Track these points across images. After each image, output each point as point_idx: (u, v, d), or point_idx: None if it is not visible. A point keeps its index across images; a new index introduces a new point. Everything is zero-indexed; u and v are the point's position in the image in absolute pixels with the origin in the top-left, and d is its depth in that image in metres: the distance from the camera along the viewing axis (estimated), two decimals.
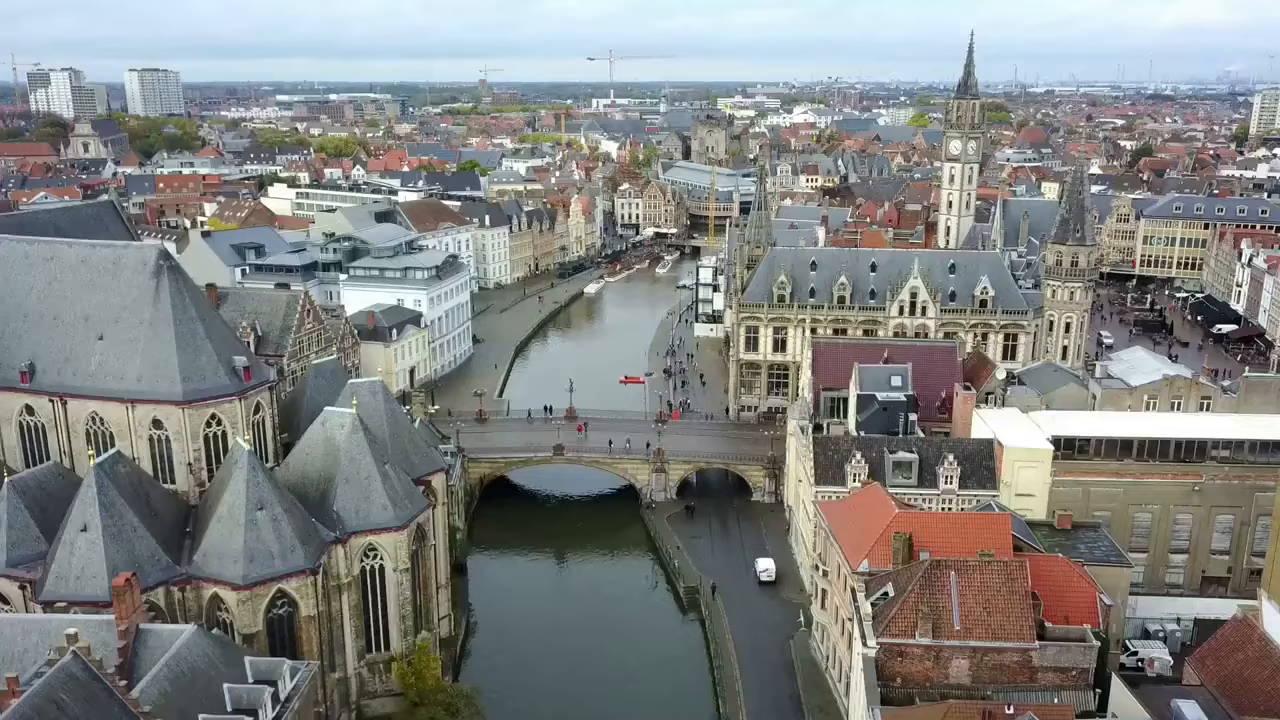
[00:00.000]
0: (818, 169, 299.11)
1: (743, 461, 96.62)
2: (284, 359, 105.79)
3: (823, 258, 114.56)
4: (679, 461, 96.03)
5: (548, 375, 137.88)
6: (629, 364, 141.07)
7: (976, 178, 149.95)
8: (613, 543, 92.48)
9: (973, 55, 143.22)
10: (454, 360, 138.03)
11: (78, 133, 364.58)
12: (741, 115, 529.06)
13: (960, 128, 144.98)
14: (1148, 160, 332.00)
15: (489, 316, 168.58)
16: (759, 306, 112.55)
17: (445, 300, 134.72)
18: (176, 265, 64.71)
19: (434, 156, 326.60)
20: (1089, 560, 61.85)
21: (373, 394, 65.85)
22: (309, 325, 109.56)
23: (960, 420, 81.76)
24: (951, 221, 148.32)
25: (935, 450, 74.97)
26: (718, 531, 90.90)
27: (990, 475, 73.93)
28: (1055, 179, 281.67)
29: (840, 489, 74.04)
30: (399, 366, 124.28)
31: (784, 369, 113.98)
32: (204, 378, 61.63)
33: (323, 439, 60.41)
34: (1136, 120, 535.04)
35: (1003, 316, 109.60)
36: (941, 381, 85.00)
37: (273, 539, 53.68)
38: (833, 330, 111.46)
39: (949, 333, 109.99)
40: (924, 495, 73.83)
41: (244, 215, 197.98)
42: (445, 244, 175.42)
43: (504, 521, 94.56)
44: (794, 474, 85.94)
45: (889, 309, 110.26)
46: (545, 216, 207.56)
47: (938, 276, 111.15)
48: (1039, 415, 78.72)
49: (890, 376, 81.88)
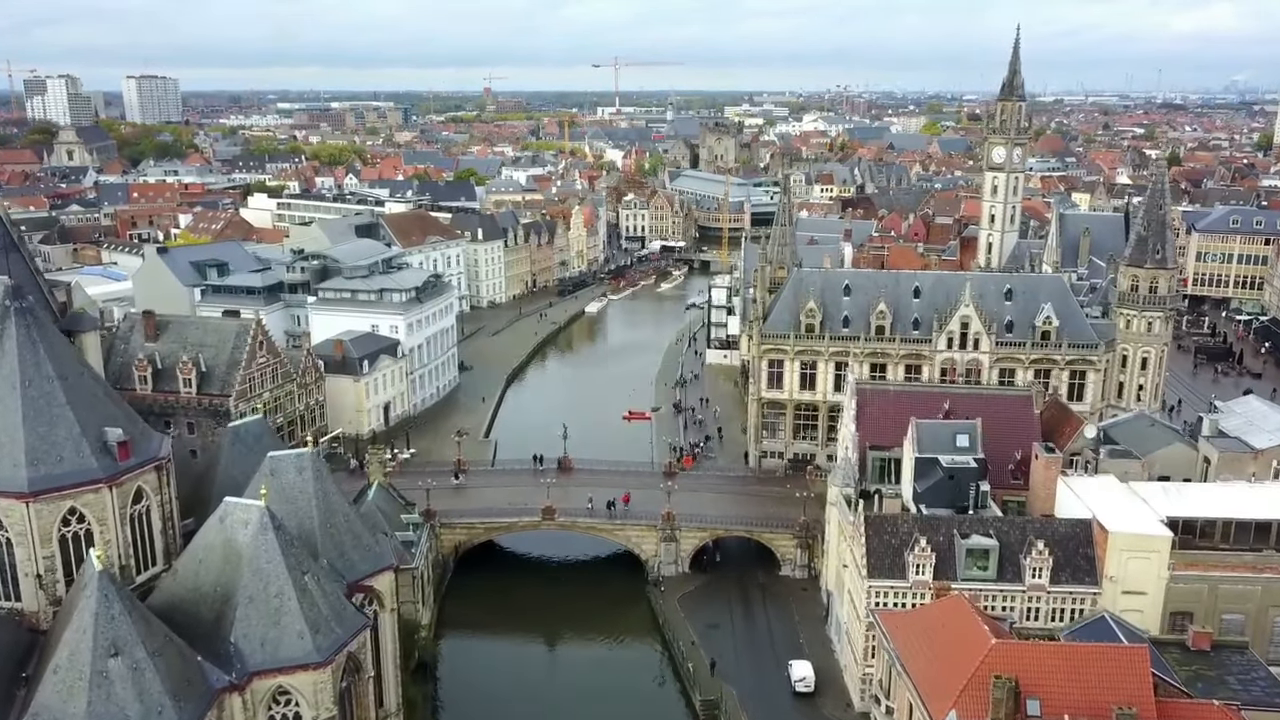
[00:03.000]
0: (833, 178, 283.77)
1: (769, 528, 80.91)
2: (230, 399, 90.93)
3: (857, 281, 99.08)
4: (692, 529, 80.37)
5: (542, 409, 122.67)
6: (634, 396, 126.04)
7: (1022, 188, 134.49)
8: (613, 628, 76.93)
9: (1018, 52, 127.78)
10: (437, 392, 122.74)
11: (62, 140, 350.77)
12: (750, 123, 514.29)
13: (1004, 133, 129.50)
14: (1178, 170, 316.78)
15: (479, 340, 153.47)
16: (783, 337, 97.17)
17: (427, 325, 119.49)
18: (31, 307, 49.24)
19: (431, 164, 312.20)
20: (1246, 702, 46.33)
21: (299, 471, 50.51)
22: (262, 359, 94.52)
23: (1041, 489, 66.28)
24: (994, 237, 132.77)
25: (1019, 534, 59.44)
26: (739, 615, 75.28)
27: (1089, 567, 58.39)
28: (1086, 189, 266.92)
29: (900, 583, 58.59)
30: (371, 403, 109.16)
31: (812, 409, 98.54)
32: (60, 459, 46.43)
33: (221, 541, 45.11)
34: (1156, 129, 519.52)
35: (1069, 351, 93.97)
36: (1015, 438, 69.52)
37: (131, 698, 38.24)
38: (869, 366, 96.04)
39: (1005, 369, 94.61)
40: (1005, 592, 58.34)
41: (219, 227, 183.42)
42: (432, 260, 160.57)
43: (483, 599, 79.08)
44: (834, 552, 70.40)
45: (935, 341, 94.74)
46: (544, 229, 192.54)
47: (992, 303, 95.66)
48: (1145, 487, 63.11)
49: (955, 435, 66.41)
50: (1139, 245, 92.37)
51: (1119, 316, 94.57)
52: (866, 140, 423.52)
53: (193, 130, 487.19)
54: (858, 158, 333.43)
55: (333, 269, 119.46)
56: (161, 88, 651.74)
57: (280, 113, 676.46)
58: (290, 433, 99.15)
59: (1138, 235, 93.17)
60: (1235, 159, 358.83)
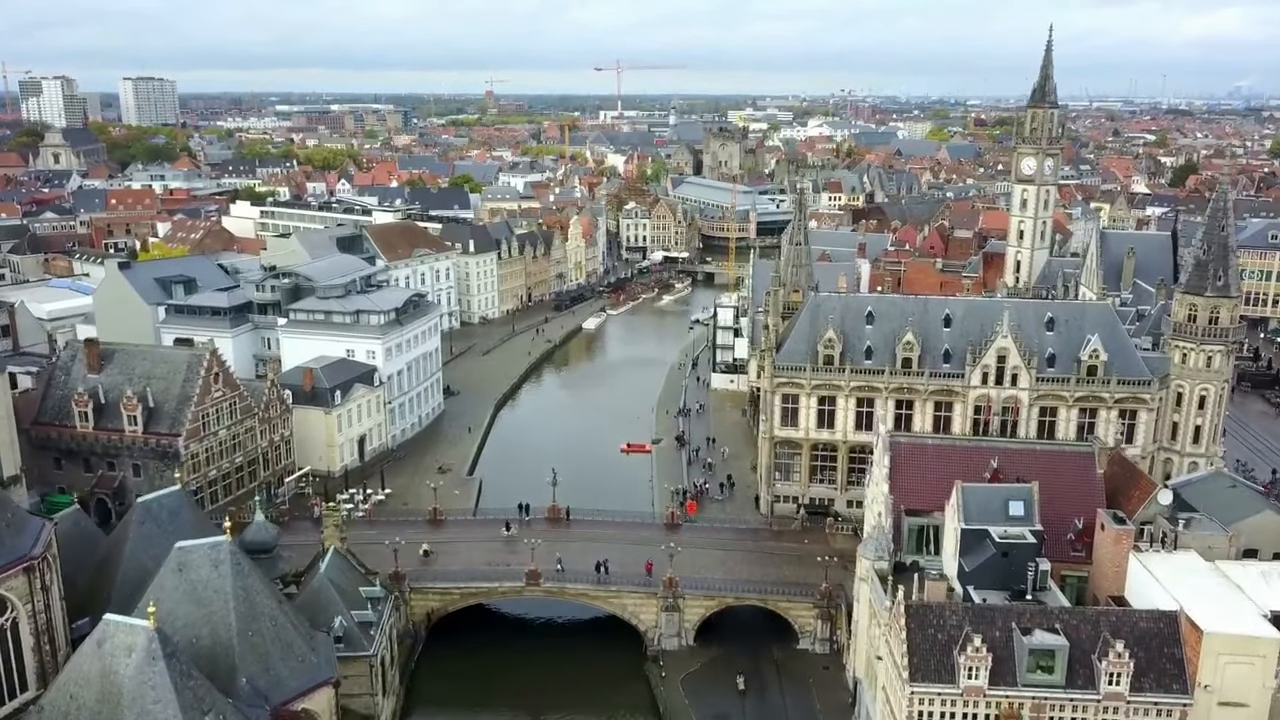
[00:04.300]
0: (841, 186, 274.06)
1: (785, 595, 70.82)
2: (180, 439, 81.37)
3: (881, 307, 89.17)
4: (698, 596, 70.30)
5: (533, 441, 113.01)
6: (633, 424, 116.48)
7: (1054, 202, 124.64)
8: (606, 710, 66.99)
9: (1050, 55, 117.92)
10: (419, 422, 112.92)
11: (48, 142, 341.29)
12: (754, 128, 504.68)
13: (1035, 142, 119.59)
14: (1195, 179, 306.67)
15: (469, 359, 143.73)
16: (799, 369, 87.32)
17: (408, 350, 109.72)
18: None
19: (426, 170, 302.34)
20: None
21: (214, 565, 40.74)
22: (218, 392, 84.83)
23: (1108, 566, 56.41)
24: (1023, 255, 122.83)
25: (1091, 629, 49.50)
26: (752, 700, 65.37)
27: (1178, 672, 48.46)
28: (1104, 199, 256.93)
29: (949, 689, 48.70)
30: (344, 437, 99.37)
31: (831, 449, 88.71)
32: None
33: (98, 671, 35.33)
34: (1167, 135, 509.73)
35: (1118, 388, 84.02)
36: (1075, 503, 59.69)
37: None
38: (895, 402, 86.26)
39: (1047, 408, 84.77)
40: (1076, 701, 48.45)
41: (198, 237, 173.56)
42: (420, 274, 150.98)
43: (457, 676, 69.11)
44: (864, 635, 60.49)
45: (968, 376, 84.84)
46: (540, 240, 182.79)
47: (1031, 333, 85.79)
48: (1237, 570, 53.22)
49: (1008, 502, 56.51)
50: (1198, 270, 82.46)
51: (1174, 349, 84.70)
52: (873, 146, 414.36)
53: (188, 133, 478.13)
54: (866, 164, 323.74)
55: (305, 288, 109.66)
56: (159, 89, 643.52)
57: (279, 115, 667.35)
58: (251, 473, 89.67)
59: (1196, 260, 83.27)
60: (1253, 167, 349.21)
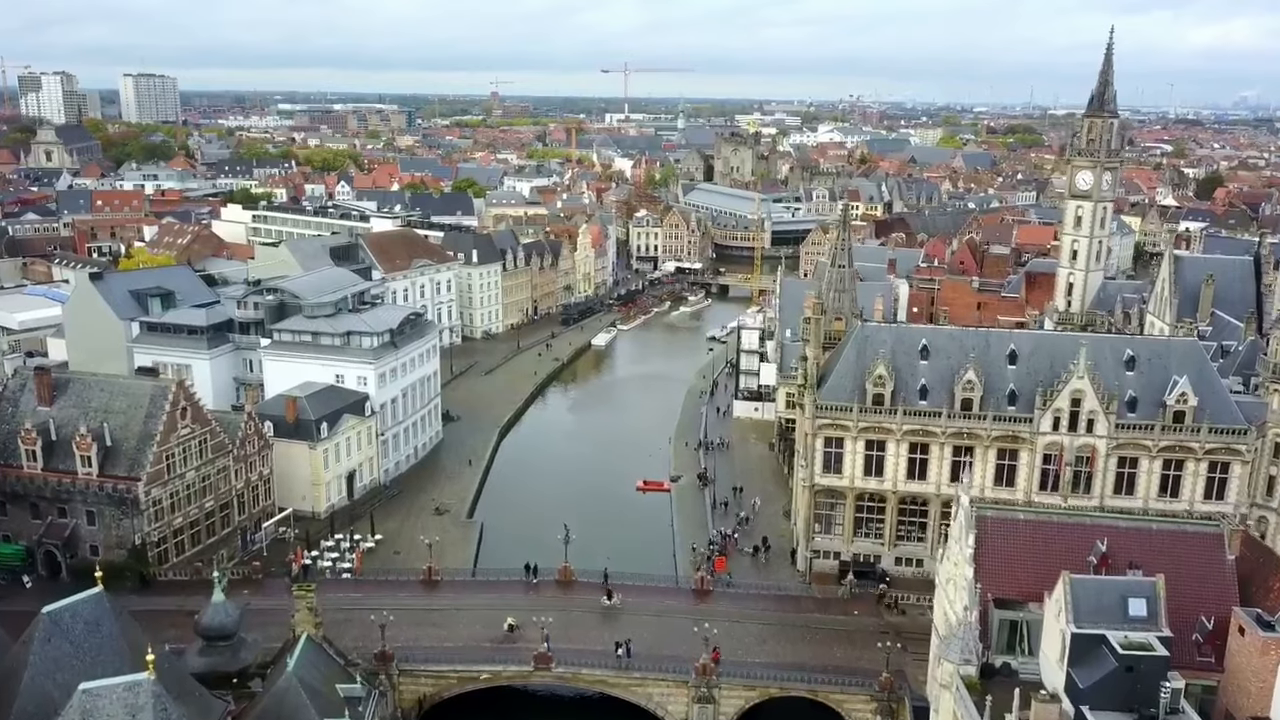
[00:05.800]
0: (859, 194, 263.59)
1: (838, 685, 60.35)
2: (140, 483, 71.28)
3: (938, 341, 78.88)
4: (736, 684, 59.92)
5: (540, 476, 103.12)
6: (649, 457, 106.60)
7: (1110, 220, 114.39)
8: None
9: (1111, 59, 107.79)
10: (414, 454, 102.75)
11: (40, 139, 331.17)
12: (765, 133, 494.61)
13: (1093, 154, 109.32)
14: (1222, 191, 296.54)
15: (471, 379, 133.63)
16: (845, 409, 77.02)
17: (403, 374, 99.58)
18: None
19: (428, 173, 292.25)
20: None
21: (131, 712, 30.51)
22: (185, 429, 74.66)
23: (1248, 678, 46.01)
24: (1076, 277, 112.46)
25: None
26: None
27: None
28: (1134, 211, 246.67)
29: None
30: (331, 473, 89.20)
31: (879, 500, 78.53)
32: None
33: None
34: (1184, 146, 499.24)
35: (1210, 437, 73.75)
36: (1202, 596, 49.38)
37: None
38: (953, 449, 76.09)
39: (1126, 458, 74.58)
40: None
41: (186, 242, 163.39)
42: (419, 286, 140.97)
43: None
44: None
45: (1038, 421, 74.62)
46: (547, 250, 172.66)
47: (1109, 372, 75.50)
48: None
49: (1127, 600, 46.18)
50: None
51: (1272, 393, 74.56)
52: (886, 153, 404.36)
53: (187, 131, 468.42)
54: (882, 172, 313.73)
55: (291, 306, 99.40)
56: (159, 86, 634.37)
57: (281, 114, 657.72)
58: (224, 518, 79.51)
59: None
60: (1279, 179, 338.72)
